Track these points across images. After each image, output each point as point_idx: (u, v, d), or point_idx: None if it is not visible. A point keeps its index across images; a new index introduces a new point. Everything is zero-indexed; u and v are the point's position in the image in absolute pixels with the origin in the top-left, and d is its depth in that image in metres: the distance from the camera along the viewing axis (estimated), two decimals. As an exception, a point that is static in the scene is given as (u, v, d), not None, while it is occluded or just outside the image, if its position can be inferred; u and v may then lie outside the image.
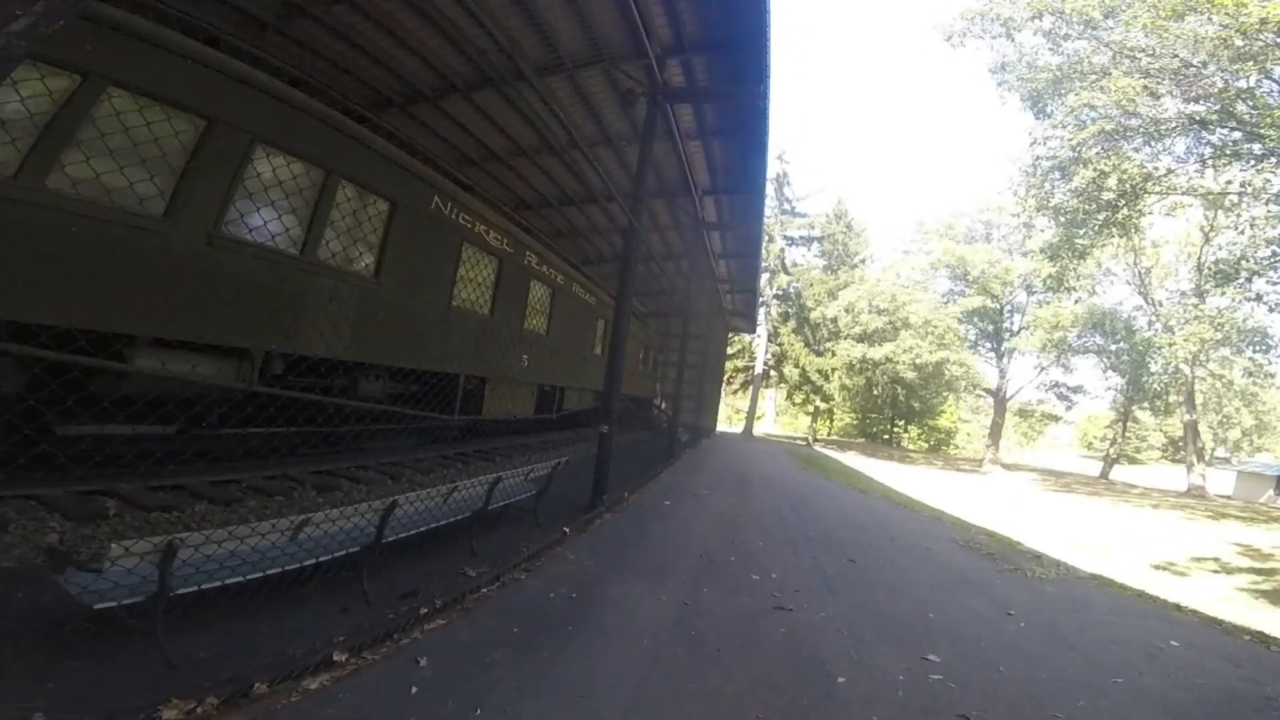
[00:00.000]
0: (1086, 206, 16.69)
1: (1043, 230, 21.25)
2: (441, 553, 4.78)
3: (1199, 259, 27.29)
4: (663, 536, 6.50)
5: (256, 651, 2.81)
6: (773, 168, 36.37)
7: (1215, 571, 8.66)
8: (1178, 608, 6.30)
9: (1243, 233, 19.81)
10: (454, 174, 8.98)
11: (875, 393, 34.46)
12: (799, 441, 35.75)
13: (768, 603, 4.81)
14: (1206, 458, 30.20)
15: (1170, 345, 21.81)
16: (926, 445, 49.81)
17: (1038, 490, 23.12)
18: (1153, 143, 16.91)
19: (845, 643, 4.09)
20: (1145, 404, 31.73)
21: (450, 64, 8.60)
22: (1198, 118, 15.11)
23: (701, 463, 14.35)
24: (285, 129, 5.51)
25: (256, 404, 5.52)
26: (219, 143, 4.85)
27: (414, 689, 2.78)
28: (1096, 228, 16.51)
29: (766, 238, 34.11)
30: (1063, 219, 16.92)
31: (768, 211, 36.03)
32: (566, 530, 5.93)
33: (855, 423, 50.06)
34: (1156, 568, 8.47)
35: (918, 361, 28.90)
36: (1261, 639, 5.45)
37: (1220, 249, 25.81)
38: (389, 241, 6.90)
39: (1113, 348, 28.77)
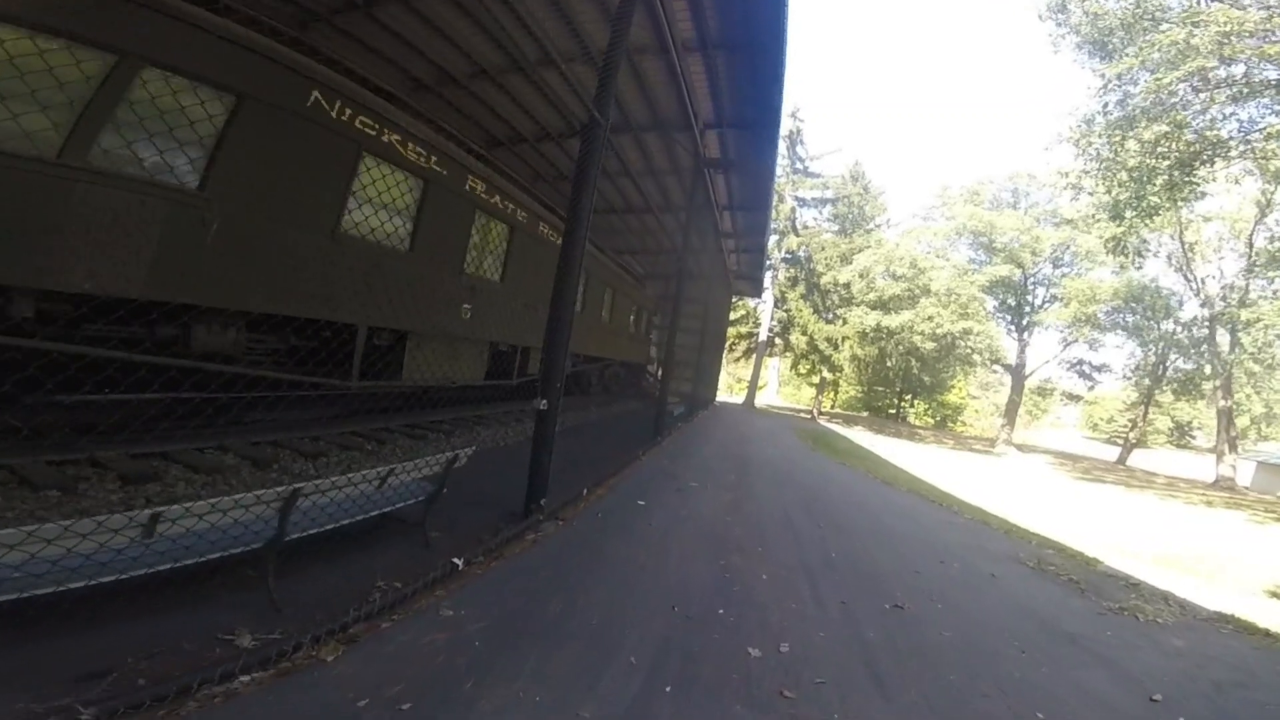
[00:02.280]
0: (1157, 163, 14.35)
1: (1091, 192, 18.80)
2: (228, 599, 2.78)
3: (1249, 236, 24.88)
4: (619, 568, 4.45)
5: None
6: (786, 124, 33.54)
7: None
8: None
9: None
10: (354, 70, 6.76)
11: (889, 364, 32.30)
12: (803, 414, 33.80)
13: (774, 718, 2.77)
14: (1238, 448, 28.14)
15: (1257, 321, 19.48)
16: (932, 421, 48.00)
17: (1064, 477, 21.19)
18: (1238, 100, 14.53)
19: None
20: (1174, 387, 29.60)
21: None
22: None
23: (695, 440, 12.30)
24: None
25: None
26: None
27: None
28: (1168, 186, 14.16)
29: (777, 198, 31.54)
30: (1133, 174, 14.52)
31: (779, 171, 33.39)
32: (458, 563, 3.86)
33: (860, 396, 48.17)
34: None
35: (938, 331, 26.64)
36: None
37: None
38: (227, 145, 4.85)
39: (1166, 324, 26.42)
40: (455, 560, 3.91)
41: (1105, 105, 16.04)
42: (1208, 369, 26.77)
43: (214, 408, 5.87)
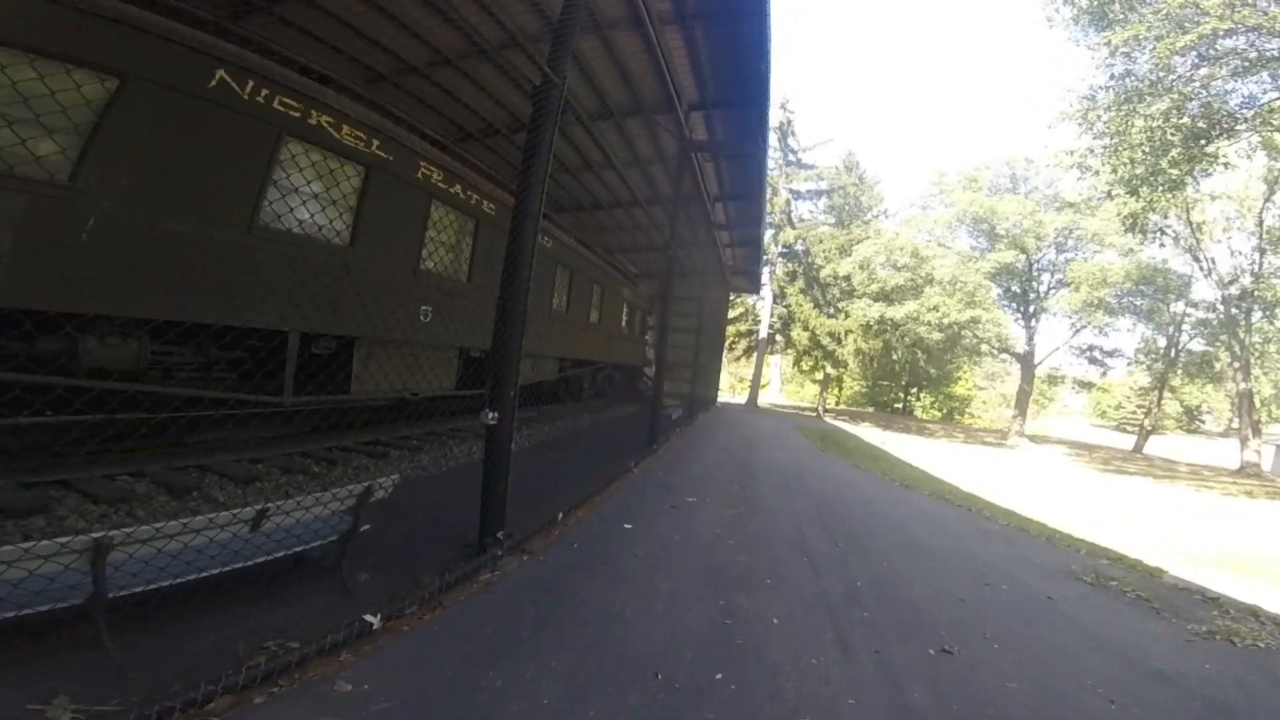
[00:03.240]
0: (1170, 136, 13.48)
1: (1098, 171, 17.88)
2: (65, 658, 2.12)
3: (1260, 214, 23.97)
4: (590, 619, 3.53)
5: None
6: (775, 116, 32.72)
7: None
8: None
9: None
10: (293, 58, 5.98)
11: (895, 357, 31.32)
12: (807, 412, 32.86)
13: None
14: (1261, 432, 27.06)
15: None
16: (939, 414, 46.98)
17: (1085, 469, 20.26)
18: (1241, 75, 13.69)
19: None
20: (1191, 370, 28.60)
21: None
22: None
23: (695, 446, 11.39)
24: None
25: None
26: None
27: None
28: (1186, 158, 13.29)
29: (770, 190, 30.69)
30: (1147, 147, 13.64)
31: (771, 164, 32.51)
32: (372, 620, 2.97)
33: (865, 391, 47.17)
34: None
35: (945, 321, 25.70)
36: None
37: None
38: (107, 131, 4.14)
39: (1177, 306, 25.44)
40: (369, 618, 3.01)
41: (1111, 75, 15.21)
42: (1223, 353, 25.84)
43: (116, 429, 4.99)
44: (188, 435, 5.67)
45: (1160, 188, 13.67)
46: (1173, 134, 13.36)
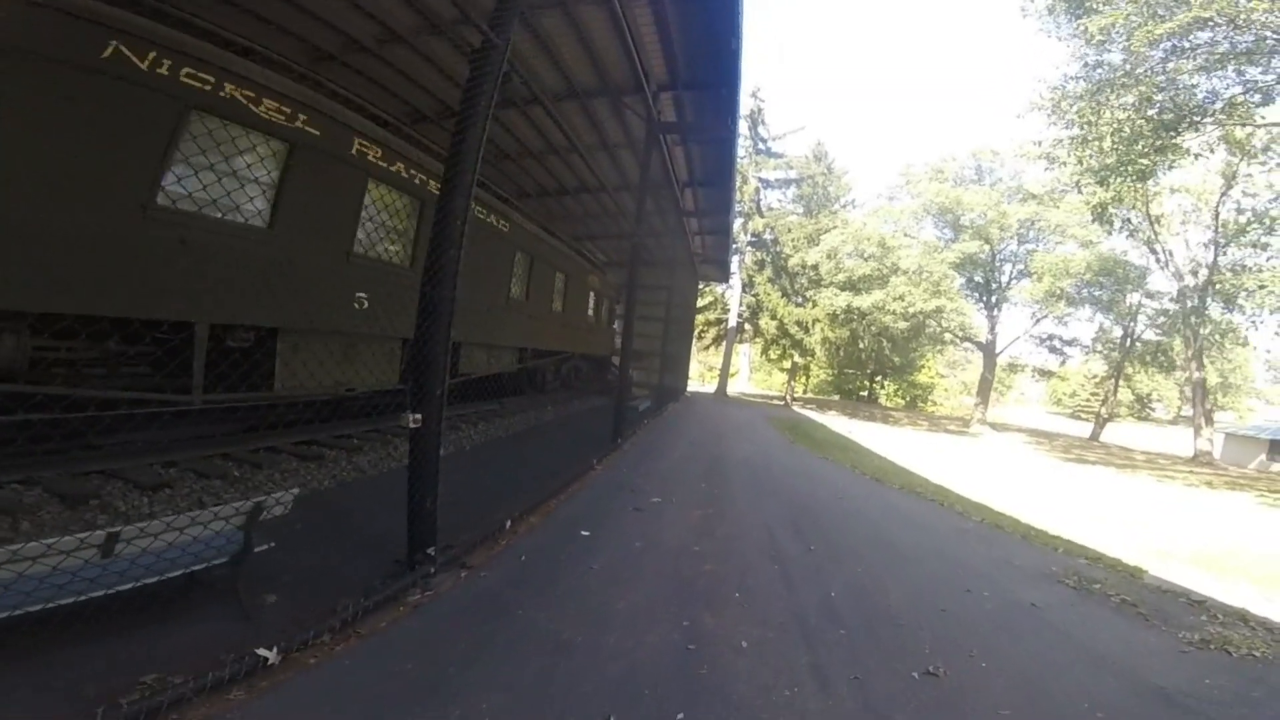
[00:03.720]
0: (1142, 126, 13.49)
1: (1065, 162, 17.94)
2: None
3: (1216, 209, 24.57)
4: (532, 648, 3.07)
5: None
6: (746, 104, 32.35)
7: None
8: None
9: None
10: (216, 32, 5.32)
11: (861, 346, 31.42)
12: (776, 401, 32.82)
13: None
14: (1213, 421, 27.93)
15: (1262, 288, 18.80)
16: (903, 402, 47.67)
17: (1047, 458, 20.53)
18: (1207, 70, 13.78)
19: None
20: (1146, 360, 29.37)
21: None
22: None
23: (662, 440, 10.97)
24: None
25: None
26: None
27: None
28: (1158, 149, 13.32)
29: (740, 179, 30.34)
30: (1117, 137, 13.63)
31: (741, 151, 32.14)
32: (267, 655, 2.51)
33: (831, 379, 47.52)
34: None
35: (910, 310, 25.78)
36: None
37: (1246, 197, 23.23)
38: None
39: (1133, 297, 26.01)
40: (263, 652, 2.51)
41: (1084, 64, 15.18)
42: (1178, 342, 26.52)
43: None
44: (98, 437, 5.03)
45: (1130, 177, 13.68)
46: (1143, 123, 13.38)
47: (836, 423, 23.10)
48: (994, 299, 31.65)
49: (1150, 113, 13.69)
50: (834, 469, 10.16)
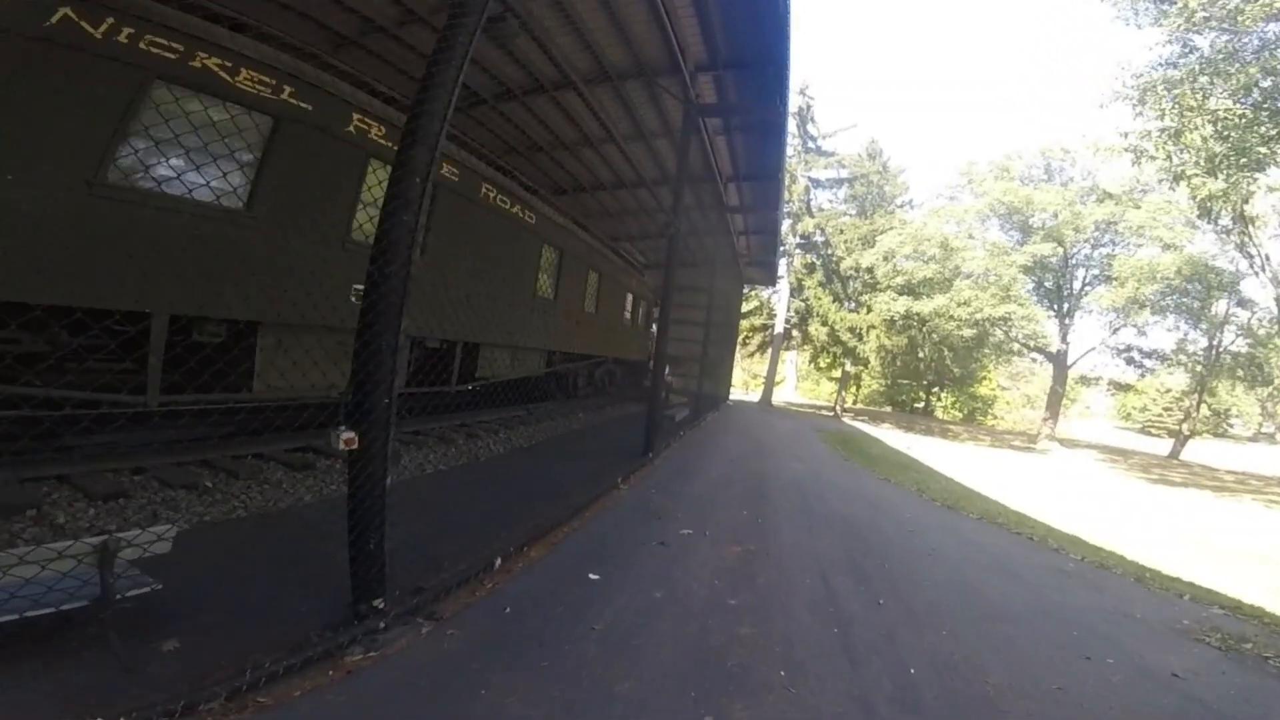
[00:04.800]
0: (1258, 113, 11.88)
1: (1153, 157, 16.20)
2: None
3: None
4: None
5: None
6: (794, 101, 31.03)
7: None
8: None
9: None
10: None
11: (920, 354, 29.60)
12: (824, 412, 31.27)
13: None
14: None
15: None
16: (960, 415, 45.08)
17: (1128, 478, 18.55)
18: None
19: None
20: (1239, 374, 26.62)
21: None
22: None
23: (700, 454, 10.01)
24: None
25: None
26: None
27: None
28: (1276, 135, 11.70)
29: (789, 177, 29.07)
30: (1229, 123, 12.05)
31: (789, 150, 30.79)
32: None
33: (883, 390, 45.35)
34: None
35: (977, 316, 24.02)
36: None
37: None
38: None
39: (1225, 305, 23.65)
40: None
41: (1185, 47, 13.60)
42: (1273, 355, 23.94)
43: None
44: (74, 438, 4.48)
45: (1246, 168, 12.03)
46: (1254, 110, 11.80)
47: (892, 436, 21.59)
48: (1066, 306, 29.40)
49: (1255, 98, 12.11)
50: (897, 493, 8.95)
